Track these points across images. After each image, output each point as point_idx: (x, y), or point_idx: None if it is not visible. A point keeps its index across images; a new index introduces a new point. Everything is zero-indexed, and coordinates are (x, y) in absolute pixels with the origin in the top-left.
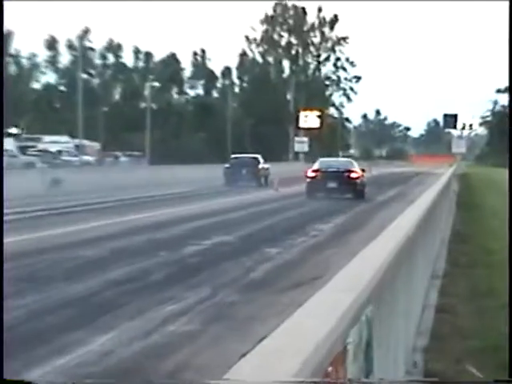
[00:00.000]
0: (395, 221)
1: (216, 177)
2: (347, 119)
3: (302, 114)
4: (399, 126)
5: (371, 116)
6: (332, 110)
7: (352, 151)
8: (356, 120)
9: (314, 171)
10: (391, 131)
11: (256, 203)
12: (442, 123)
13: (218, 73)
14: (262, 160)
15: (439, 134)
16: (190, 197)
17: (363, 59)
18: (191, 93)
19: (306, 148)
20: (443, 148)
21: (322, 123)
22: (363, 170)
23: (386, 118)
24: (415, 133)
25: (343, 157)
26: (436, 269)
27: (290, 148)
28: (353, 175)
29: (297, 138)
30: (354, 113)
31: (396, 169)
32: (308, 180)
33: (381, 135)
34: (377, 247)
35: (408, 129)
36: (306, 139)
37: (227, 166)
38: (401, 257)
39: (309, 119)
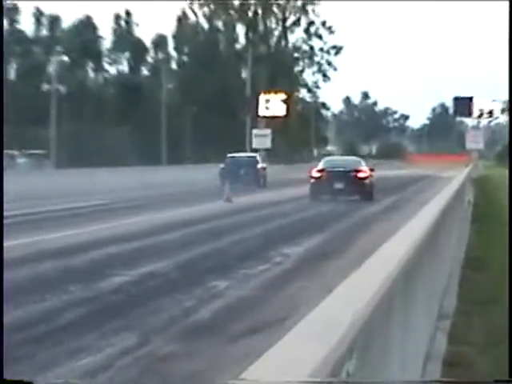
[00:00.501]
0: (386, 243)
1: (149, 183)
2: (324, 104)
3: (263, 97)
4: (394, 113)
5: (356, 100)
6: (303, 93)
7: (330, 148)
8: (336, 105)
9: (318, 171)
10: (383, 120)
11: (225, 214)
12: (451, 109)
13: (148, 43)
14: (259, 159)
15: (448, 123)
16: (113, 210)
17: (345, 24)
18: (112, 70)
19: (267, 144)
20: (453, 143)
21: (288, 110)
22: (372, 170)
23: (375, 103)
24: (416, 123)
25: (324, 155)
26: (444, 306)
27: (248, 144)
28: (361, 175)
29: (255, 131)
30: (333, 96)
31: (390, 171)
32: (312, 181)
33: (369, 126)
34: (360, 280)
35: (406, 117)
36: (267, 132)
37: (223, 166)
38: (394, 292)
39: (272, 105)
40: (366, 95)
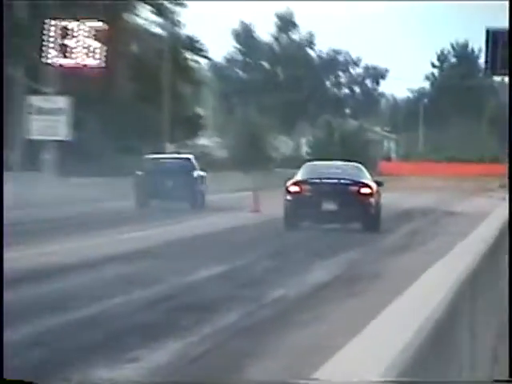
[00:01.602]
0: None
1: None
2: (192, 43)
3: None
4: (355, 63)
5: (266, 33)
6: (149, 18)
7: (205, 141)
8: (217, 52)
9: (296, 183)
10: (328, 78)
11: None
12: (483, 56)
13: None
14: (195, 163)
15: (476, 96)
16: None
17: None
18: None
19: (60, 131)
20: (478, 138)
21: (108, 58)
22: (379, 184)
23: (311, 42)
24: (401, 90)
25: (268, 159)
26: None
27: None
28: (364, 191)
29: (35, 100)
30: (210, 30)
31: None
32: (288, 198)
33: (305, 91)
34: (430, 282)
35: (381, 75)
36: (61, 103)
37: (140, 173)
38: (461, 297)
39: (74, 42)
40: (291, 24)
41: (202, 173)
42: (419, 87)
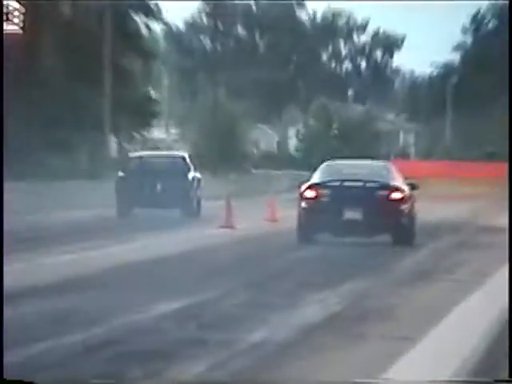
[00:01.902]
0: None
1: None
2: (142, 3)
3: None
4: (361, 28)
5: None
6: None
7: (160, 133)
8: (176, 15)
9: (313, 187)
10: (331, 51)
11: None
12: None
13: None
14: (191, 163)
15: None
16: None
17: None
18: None
19: None
20: None
21: (29, 22)
22: (413, 187)
23: (302, 1)
24: (428, 58)
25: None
26: None
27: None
28: (394, 196)
29: None
30: None
31: None
32: (302, 205)
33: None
34: (497, 288)
35: (397, 45)
36: None
37: (122, 174)
38: None
39: None
40: None
41: (197, 174)
42: (446, 60)
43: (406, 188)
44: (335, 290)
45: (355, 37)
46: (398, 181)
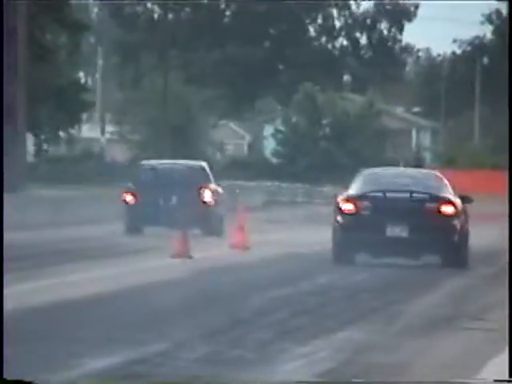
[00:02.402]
0: None
1: None
2: None
3: None
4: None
5: None
6: None
7: (92, 131)
8: None
9: (351, 199)
10: (321, 23)
11: None
12: None
13: None
14: (210, 174)
15: None
16: None
17: None
18: None
19: None
20: None
21: None
22: (466, 200)
23: None
24: (450, 33)
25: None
26: None
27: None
28: (446, 209)
29: None
30: None
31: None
32: (339, 220)
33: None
34: None
35: (408, 16)
36: None
37: (131, 186)
38: None
39: None
40: None
41: (218, 188)
42: (472, 37)
43: (458, 201)
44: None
45: (353, 4)
46: (449, 192)
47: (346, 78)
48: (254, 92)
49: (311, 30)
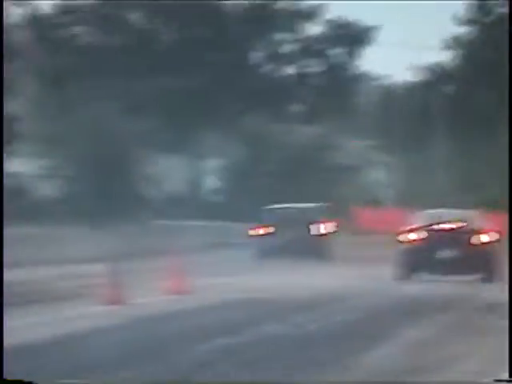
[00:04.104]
0: None
1: None
2: None
3: None
4: (311, 14)
5: None
6: None
7: (18, 165)
8: None
9: (414, 230)
10: (267, 48)
11: None
12: None
13: None
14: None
15: None
16: None
17: None
18: None
19: None
20: None
21: None
22: (499, 232)
23: None
24: (409, 57)
25: None
26: None
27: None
28: (484, 238)
29: None
30: None
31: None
32: (404, 248)
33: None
34: None
35: (364, 39)
36: None
37: (253, 233)
38: None
39: None
40: None
41: (331, 228)
42: (433, 63)
43: (492, 230)
44: None
45: (302, 27)
46: (482, 222)
47: (295, 108)
48: (194, 124)
49: (255, 56)
